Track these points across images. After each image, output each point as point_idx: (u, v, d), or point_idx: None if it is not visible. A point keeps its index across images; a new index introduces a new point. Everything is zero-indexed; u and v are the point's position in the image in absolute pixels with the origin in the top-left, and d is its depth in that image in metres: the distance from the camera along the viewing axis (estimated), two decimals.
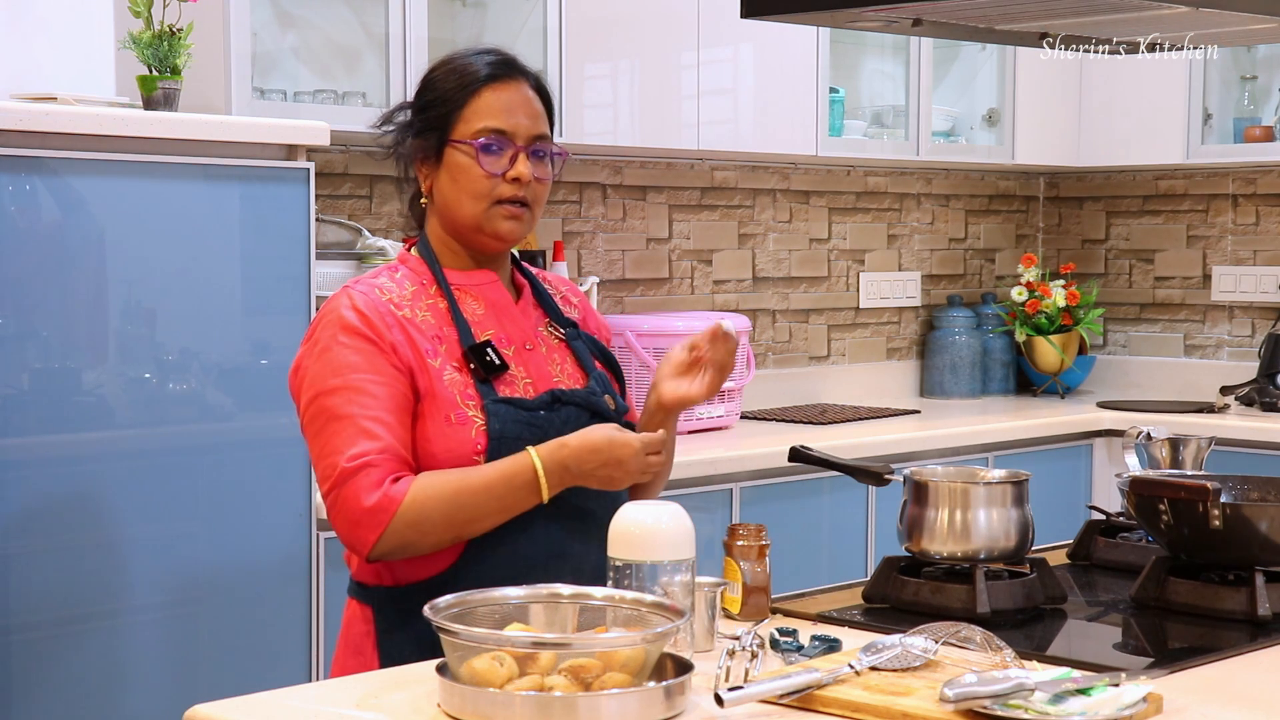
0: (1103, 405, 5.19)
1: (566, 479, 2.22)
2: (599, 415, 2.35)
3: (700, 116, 4.40)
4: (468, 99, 2.31)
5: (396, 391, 2.22)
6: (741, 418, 4.67)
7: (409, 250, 2.39)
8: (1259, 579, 2.35)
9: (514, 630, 1.91)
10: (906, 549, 2.45)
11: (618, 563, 2.06)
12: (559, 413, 2.30)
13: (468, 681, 1.81)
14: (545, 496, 2.21)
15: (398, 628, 2.25)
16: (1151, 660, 2.19)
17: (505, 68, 2.34)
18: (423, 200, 2.37)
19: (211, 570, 3.16)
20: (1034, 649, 2.18)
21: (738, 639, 1.96)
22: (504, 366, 2.28)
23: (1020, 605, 2.38)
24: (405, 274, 2.34)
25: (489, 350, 2.28)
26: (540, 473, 2.19)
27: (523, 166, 2.31)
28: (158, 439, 3.11)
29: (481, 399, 2.25)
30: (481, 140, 2.29)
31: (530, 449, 2.21)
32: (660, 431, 2.29)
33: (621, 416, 2.40)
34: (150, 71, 3.26)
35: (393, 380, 2.22)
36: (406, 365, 2.24)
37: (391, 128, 2.39)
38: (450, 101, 2.32)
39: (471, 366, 2.27)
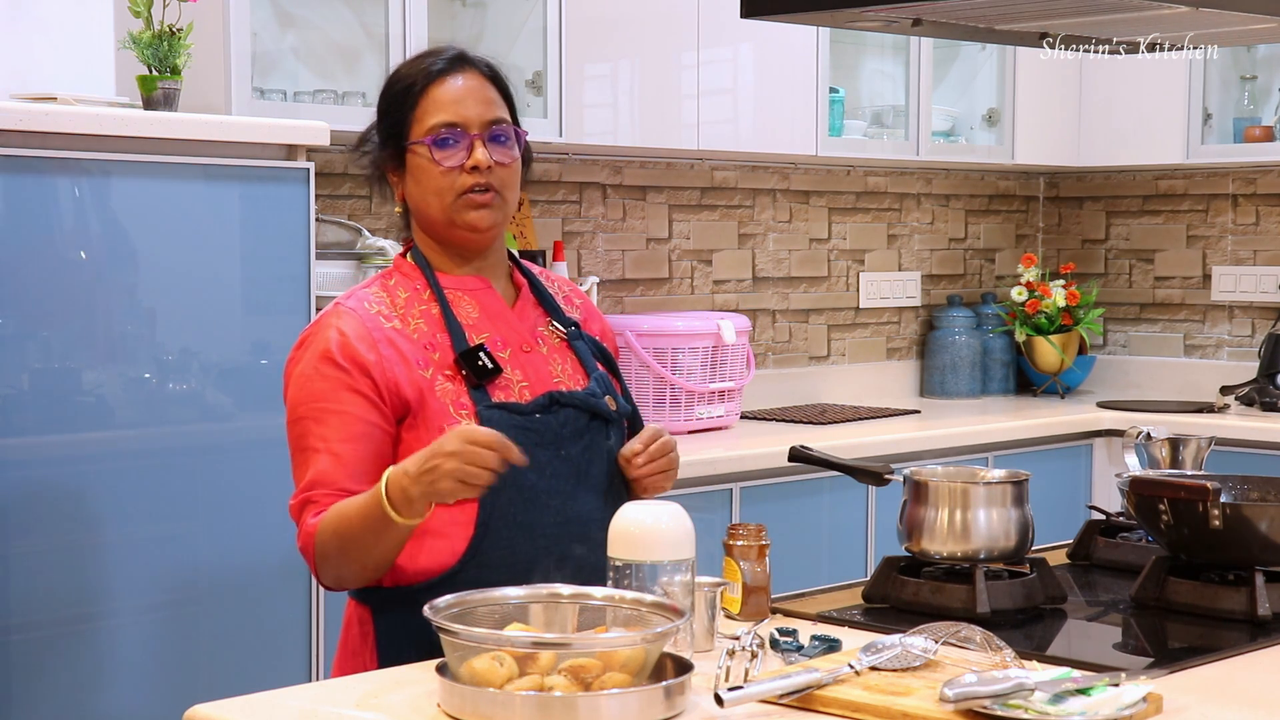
0: (1103, 405, 5.19)
1: (414, 489, 2.08)
2: (598, 417, 2.34)
3: (700, 116, 4.40)
4: (418, 99, 2.31)
5: (355, 418, 2.21)
6: (741, 418, 4.67)
7: (403, 256, 2.39)
8: (1259, 579, 2.35)
9: (514, 630, 1.91)
10: (906, 549, 2.45)
11: (618, 563, 2.06)
12: (556, 415, 2.29)
13: (468, 681, 1.81)
14: (393, 515, 2.08)
15: (396, 629, 2.25)
16: (1151, 660, 2.19)
17: (451, 62, 2.33)
18: (397, 209, 2.38)
19: (211, 570, 3.16)
20: (1034, 649, 2.18)
21: (737, 639, 1.96)
22: (497, 370, 2.27)
23: (1020, 605, 2.38)
24: (399, 281, 2.34)
25: (481, 354, 2.27)
26: (383, 489, 2.10)
27: (480, 154, 2.29)
28: (158, 439, 3.11)
29: (474, 406, 2.24)
30: (432, 137, 2.29)
31: (385, 474, 2.12)
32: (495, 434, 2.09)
33: (623, 418, 2.39)
34: (150, 71, 3.26)
35: (354, 407, 2.22)
36: (389, 384, 2.23)
37: (368, 149, 2.39)
38: (402, 106, 2.32)
39: (464, 373, 2.26)
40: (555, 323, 2.41)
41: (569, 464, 2.29)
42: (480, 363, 2.26)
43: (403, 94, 2.32)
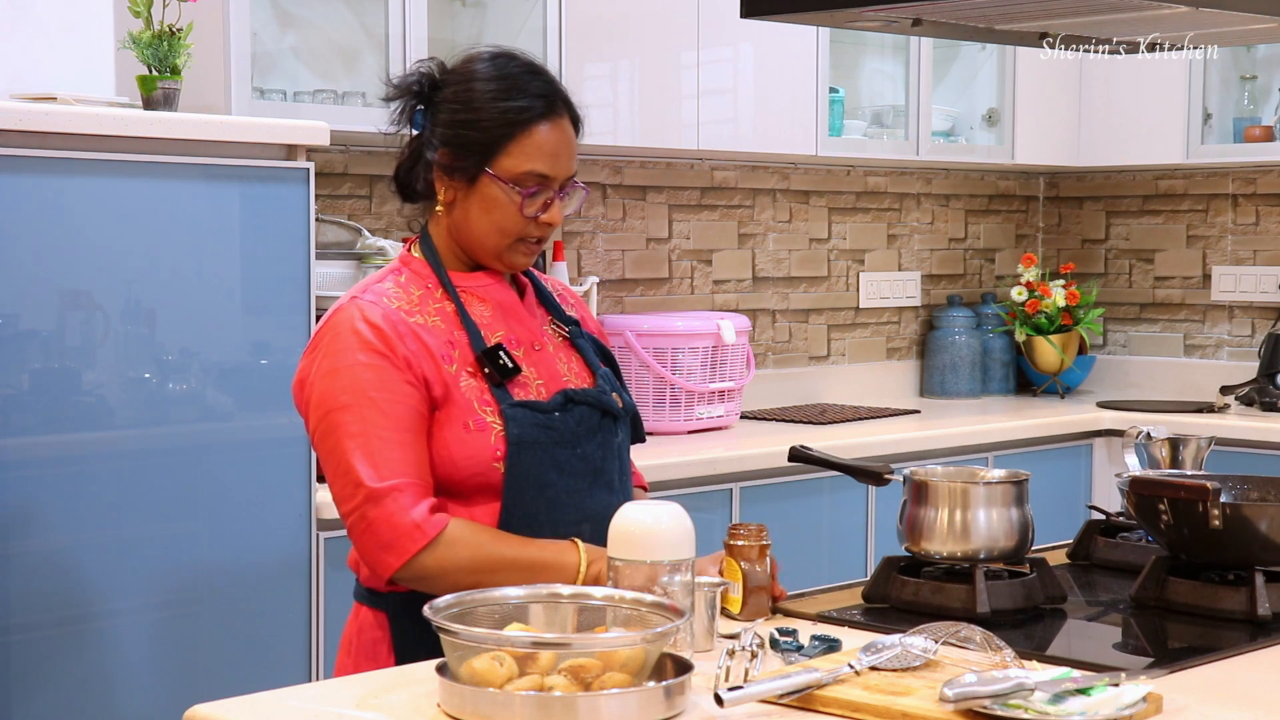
0: (1103, 405, 5.19)
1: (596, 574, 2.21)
2: (610, 414, 2.34)
3: (700, 116, 4.40)
4: (516, 135, 2.27)
5: (410, 409, 2.20)
6: (741, 418, 4.67)
7: (410, 251, 2.37)
8: (1259, 579, 2.35)
9: (514, 630, 1.91)
10: (906, 549, 2.45)
11: (618, 563, 2.06)
12: (572, 413, 2.29)
13: (468, 681, 1.81)
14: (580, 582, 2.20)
15: (414, 633, 2.22)
16: (1151, 660, 2.19)
17: (552, 103, 2.31)
18: (438, 208, 2.34)
19: (211, 570, 3.16)
20: (1034, 649, 2.18)
21: (736, 637, 1.96)
22: (517, 369, 2.27)
23: (1020, 605, 2.38)
24: (410, 277, 2.32)
25: (502, 354, 2.27)
26: (582, 568, 2.20)
27: (556, 212, 2.31)
28: (158, 439, 3.11)
29: (498, 404, 2.24)
30: (526, 187, 2.27)
31: (577, 543, 2.22)
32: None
33: (629, 414, 2.40)
34: (150, 71, 3.26)
35: (406, 397, 2.20)
36: (421, 377, 2.22)
37: (409, 100, 2.32)
38: (496, 131, 2.26)
39: (486, 371, 2.26)
40: (556, 321, 2.41)
41: (586, 462, 2.29)
42: (501, 362, 2.26)
43: (501, 122, 2.27)
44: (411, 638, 2.24)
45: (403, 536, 2.14)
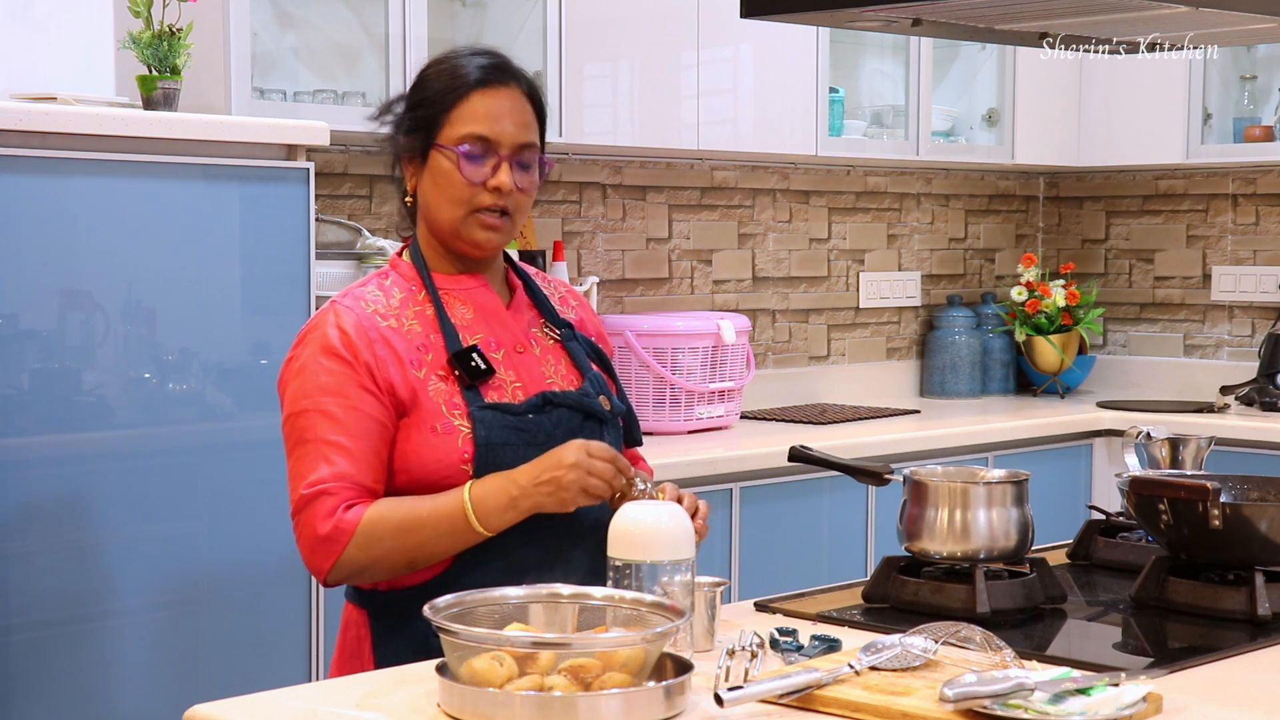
0: (1103, 405, 5.19)
1: (515, 509, 2.17)
2: (592, 416, 2.33)
3: (700, 116, 4.40)
4: (455, 102, 2.29)
5: (364, 414, 2.21)
6: (741, 418, 4.67)
7: (400, 255, 2.38)
8: (1259, 579, 2.35)
9: (514, 630, 1.91)
10: (906, 549, 2.45)
11: (617, 563, 2.06)
12: (550, 415, 2.29)
13: (467, 681, 1.81)
14: (481, 531, 2.18)
15: (394, 631, 2.25)
16: (1151, 660, 2.19)
17: (496, 72, 2.32)
18: (407, 199, 2.37)
19: (211, 570, 3.16)
20: (1034, 649, 2.18)
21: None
22: (490, 371, 2.27)
23: (1020, 605, 2.38)
24: (395, 280, 2.34)
25: (475, 356, 2.27)
26: (469, 511, 2.17)
27: (504, 176, 2.28)
28: (158, 439, 3.11)
29: (467, 406, 2.24)
30: (465, 148, 2.27)
31: (467, 484, 2.19)
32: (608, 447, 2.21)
33: (617, 417, 2.39)
34: (150, 71, 3.26)
35: (361, 403, 2.21)
36: (385, 383, 2.23)
37: (390, 117, 2.37)
38: (438, 103, 2.30)
39: (457, 374, 2.26)
40: (549, 324, 2.41)
41: None
42: (473, 364, 2.26)
43: (443, 92, 2.30)
44: (392, 635, 2.25)
45: (325, 541, 2.18)
